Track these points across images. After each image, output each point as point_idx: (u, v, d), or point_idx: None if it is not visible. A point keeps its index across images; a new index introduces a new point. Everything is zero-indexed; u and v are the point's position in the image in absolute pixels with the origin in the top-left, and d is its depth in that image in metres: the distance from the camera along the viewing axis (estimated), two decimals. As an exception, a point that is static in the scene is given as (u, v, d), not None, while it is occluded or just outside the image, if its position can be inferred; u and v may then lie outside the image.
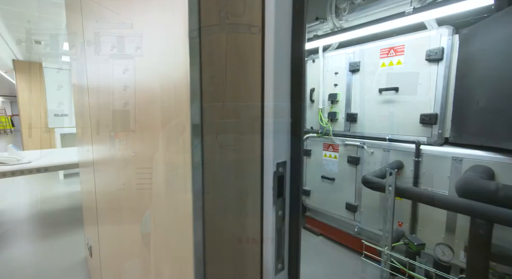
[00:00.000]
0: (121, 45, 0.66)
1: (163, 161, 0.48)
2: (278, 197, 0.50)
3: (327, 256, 2.33)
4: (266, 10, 0.46)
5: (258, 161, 0.49)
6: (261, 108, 0.48)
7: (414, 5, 1.81)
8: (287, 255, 0.52)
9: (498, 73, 1.56)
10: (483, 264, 1.22)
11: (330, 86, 2.56)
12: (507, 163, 1.56)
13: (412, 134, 2.00)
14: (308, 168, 2.79)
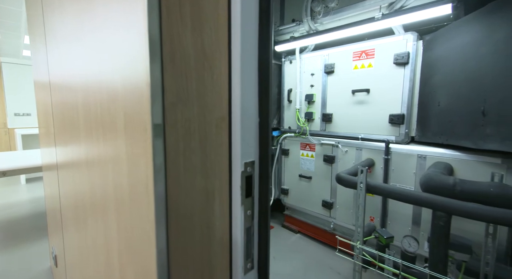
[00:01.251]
0: (80, 40, 0.62)
1: (125, 163, 0.46)
2: (246, 196, 0.50)
3: (305, 253, 2.39)
4: (232, 9, 0.46)
5: (226, 161, 0.49)
6: (228, 108, 0.48)
7: (383, 11, 1.91)
8: (256, 254, 0.52)
9: (455, 77, 1.70)
10: (443, 253, 1.32)
11: (306, 87, 2.62)
12: (464, 159, 1.70)
13: (382, 134, 2.11)
14: (286, 167, 2.83)
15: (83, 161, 0.74)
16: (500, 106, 1.45)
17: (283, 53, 2.81)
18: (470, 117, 1.60)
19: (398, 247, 1.81)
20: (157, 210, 0.38)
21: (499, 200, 1.19)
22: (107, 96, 0.52)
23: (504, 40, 1.43)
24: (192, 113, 0.42)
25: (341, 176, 1.72)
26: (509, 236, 1.57)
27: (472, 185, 1.28)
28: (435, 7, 1.60)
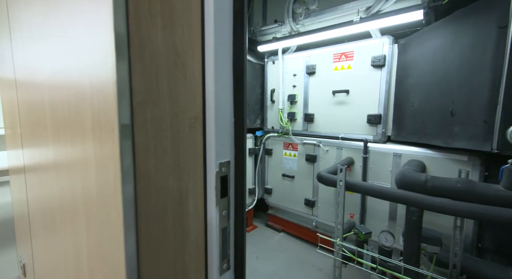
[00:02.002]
0: (46, 36, 0.59)
1: (93, 165, 0.44)
2: (222, 197, 0.50)
3: (288, 251, 2.42)
4: (206, 8, 0.46)
5: (201, 161, 0.48)
6: (203, 107, 0.48)
7: (361, 15, 1.98)
8: (232, 254, 0.52)
9: (427, 80, 1.80)
10: (416, 246, 1.40)
11: (289, 87, 2.66)
12: (435, 157, 1.80)
13: (361, 133, 2.19)
14: (270, 166, 2.85)
15: (51, 163, 0.70)
16: (466, 107, 1.55)
17: (266, 53, 2.83)
18: (440, 117, 1.70)
19: (376, 242, 1.88)
20: (126, 213, 0.37)
21: (465, 195, 1.28)
22: (74, 96, 0.49)
23: (469, 46, 1.54)
24: (163, 113, 0.41)
25: (321, 175, 1.76)
26: (475, 228, 1.68)
27: (442, 181, 1.36)
28: (408, 13, 1.68)
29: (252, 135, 2.83)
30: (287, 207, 2.71)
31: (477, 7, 1.51)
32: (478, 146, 1.48)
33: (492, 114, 1.42)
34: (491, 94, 1.42)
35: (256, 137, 2.89)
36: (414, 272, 1.37)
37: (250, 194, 2.82)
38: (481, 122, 1.47)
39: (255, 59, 2.83)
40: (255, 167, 2.89)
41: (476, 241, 1.67)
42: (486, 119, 1.45)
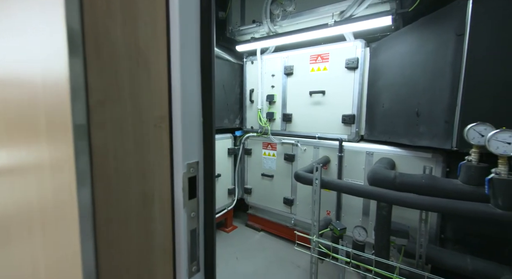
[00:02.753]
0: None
1: (48, 169, 0.41)
2: (190, 198, 0.49)
3: (267, 250, 2.44)
4: (171, 5, 0.44)
5: (167, 162, 0.47)
6: (169, 107, 0.46)
7: (335, 18, 2.05)
8: (202, 256, 0.52)
9: (395, 82, 1.90)
10: (386, 239, 1.48)
11: (268, 88, 2.68)
12: (403, 155, 1.91)
13: (336, 133, 2.27)
14: (249, 166, 2.86)
15: (4, 167, 0.64)
16: (429, 108, 1.66)
17: (245, 53, 2.83)
18: (407, 118, 1.81)
19: (351, 237, 1.96)
20: (82, 219, 0.35)
21: (429, 190, 1.37)
22: (27, 94, 0.46)
23: (432, 51, 1.65)
24: (125, 113, 0.40)
25: (299, 174, 1.80)
26: (438, 220, 1.81)
27: (408, 177, 1.45)
28: (378, 18, 1.77)
29: (231, 135, 2.82)
30: (267, 206, 2.73)
31: (438, 15, 1.62)
32: (440, 144, 1.60)
33: (452, 115, 1.54)
34: (451, 96, 1.54)
35: (235, 137, 2.88)
36: (385, 264, 1.44)
37: (230, 194, 2.81)
38: (443, 122, 1.58)
39: (234, 59, 2.82)
40: (235, 167, 2.88)
41: (439, 232, 1.80)
42: (447, 120, 1.56)
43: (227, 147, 2.75)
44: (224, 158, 2.72)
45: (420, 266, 1.57)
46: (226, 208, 2.76)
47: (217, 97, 2.63)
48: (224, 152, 2.71)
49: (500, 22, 1.37)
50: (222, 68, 2.68)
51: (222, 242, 2.58)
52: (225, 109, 2.73)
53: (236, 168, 2.88)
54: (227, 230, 2.76)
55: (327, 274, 2.06)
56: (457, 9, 1.51)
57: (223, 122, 2.73)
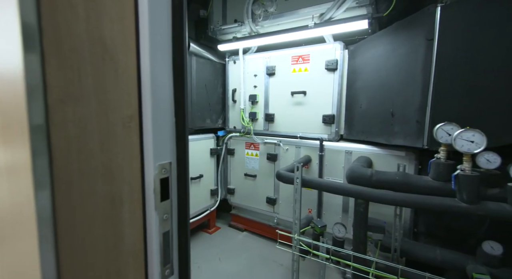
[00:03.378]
0: None
1: (4, 173, 0.38)
2: (162, 200, 0.48)
3: (251, 250, 2.44)
4: (140, 1, 0.43)
5: (138, 163, 0.46)
6: (139, 106, 0.45)
7: (315, 21, 2.10)
8: (176, 258, 0.51)
9: (372, 83, 1.98)
10: (363, 235, 1.53)
11: (250, 88, 2.68)
12: (380, 153, 2.00)
13: (317, 132, 2.32)
14: (232, 166, 2.85)
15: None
16: (403, 109, 1.75)
17: (227, 53, 2.81)
18: (383, 118, 1.89)
19: (331, 233, 2.01)
20: (41, 224, 0.33)
21: (402, 186, 1.44)
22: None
23: (405, 54, 1.74)
24: (88, 112, 0.38)
25: (280, 173, 1.82)
26: (411, 215, 1.91)
27: (383, 175, 1.51)
28: (355, 22, 1.83)
29: (213, 135, 2.79)
30: (250, 206, 2.74)
31: (410, 21, 1.71)
32: (413, 142, 1.69)
33: (423, 115, 1.63)
34: (422, 98, 1.63)
35: (218, 138, 2.85)
36: (362, 258, 1.50)
37: (213, 195, 2.78)
38: (415, 122, 1.67)
39: (216, 58, 2.79)
40: (217, 168, 2.85)
41: (412, 226, 1.90)
42: (418, 120, 1.65)
43: (210, 147, 2.72)
44: (207, 158, 2.68)
45: (395, 259, 1.64)
46: (209, 209, 2.72)
47: (199, 97, 2.59)
48: (206, 152, 2.68)
49: (466, 29, 1.47)
50: (204, 68, 2.65)
51: (204, 243, 2.55)
52: (207, 109, 2.70)
53: (219, 168, 2.86)
54: (210, 231, 2.73)
55: (309, 271, 2.10)
56: (427, 15, 1.60)
57: (205, 122, 2.70)
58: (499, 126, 1.39)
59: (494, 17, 1.39)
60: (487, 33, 1.41)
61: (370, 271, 1.44)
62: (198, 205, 2.58)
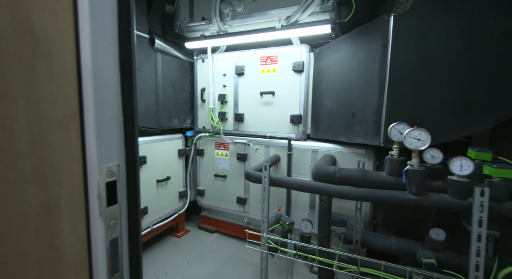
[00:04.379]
0: None
1: None
2: (109, 204, 0.45)
3: (221, 251, 2.42)
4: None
5: (79, 167, 0.42)
6: (79, 104, 0.42)
7: (282, 23, 2.14)
8: (127, 266, 0.48)
9: (335, 85, 2.09)
10: (327, 229, 1.61)
11: (219, 87, 2.65)
12: (343, 151, 2.11)
13: (285, 132, 2.37)
14: (202, 167, 2.79)
15: None
16: (362, 109, 1.87)
17: (195, 51, 2.75)
18: (345, 117, 2.01)
19: (299, 230, 2.08)
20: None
21: (362, 182, 1.54)
22: None
23: (364, 58, 1.86)
24: (14, 110, 0.34)
25: (249, 173, 1.83)
26: (371, 208, 2.06)
27: (345, 172, 1.60)
28: (319, 26, 1.91)
29: (182, 135, 2.70)
30: (220, 207, 2.71)
31: (368, 28, 1.84)
32: (371, 141, 1.82)
33: (379, 116, 1.76)
34: (379, 99, 1.76)
35: (186, 138, 2.77)
36: (327, 252, 1.57)
37: (181, 197, 2.69)
38: (373, 122, 1.80)
39: (184, 56, 2.71)
40: (186, 169, 2.77)
41: (372, 218, 2.04)
42: (376, 120, 1.78)
43: (178, 147, 2.63)
44: (174, 160, 2.59)
45: (356, 250, 1.75)
46: (177, 211, 2.63)
47: (166, 96, 2.49)
48: (174, 153, 2.59)
49: (415, 37, 1.62)
50: (171, 65, 2.55)
51: (173, 247, 2.46)
52: (174, 109, 2.61)
53: (188, 170, 2.78)
54: (179, 235, 2.64)
55: (278, 268, 2.15)
56: (382, 23, 1.73)
57: (173, 122, 2.60)
58: (442, 125, 1.56)
59: (436, 28, 1.55)
60: (431, 42, 1.57)
61: (334, 263, 1.51)
62: (165, 208, 2.47)
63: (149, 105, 2.31)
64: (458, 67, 1.51)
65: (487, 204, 1.13)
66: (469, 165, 1.21)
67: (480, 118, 1.48)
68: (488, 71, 1.45)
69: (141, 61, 2.20)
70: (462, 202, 1.21)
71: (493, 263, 1.33)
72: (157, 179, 2.34)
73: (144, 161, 2.17)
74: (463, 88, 1.51)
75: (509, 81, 1.41)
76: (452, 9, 1.51)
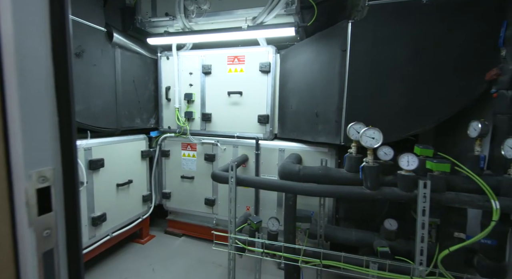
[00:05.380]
0: None
1: None
2: (41, 213, 0.40)
3: (189, 255, 2.35)
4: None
5: (2, 172, 0.37)
6: (1, 103, 0.37)
7: (248, 23, 2.15)
8: (65, 276, 0.44)
9: (300, 86, 2.16)
10: (293, 226, 1.66)
11: (185, 86, 2.57)
12: (307, 150, 2.19)
13: (253, 132, 2.39)
14: (168, 169, 2.68)
15: None
16: (325, 110, 1.97)
17: (159, 47, 2.62)
18: (309, 117, 2.09)
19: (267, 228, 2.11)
20: None
21: (324, 179, 1.61)
22: None
23: (325, 62, 1.95)
24: None
25: (215, 173, 1.80)
26: (334, 203, 2.17)
27: (309, 170, 1.66)
28: (284, 28, 1.97)
29: (145, 136, 2.56)
30: (188, 209, 2.63)
31: (329, 33, 1.93)
32: (333, 140, 1.92)
33: (340, 116, 1.87)
34: (339, 100, 1.87)
35: (150, 139, 2.64)
36: (293, 248, 1.62)
37: (145, 201, 2.55)
38: (334, 122, 1.90)
39: (147, 52, 2.57)
40: (151, 171, 2.64)
41: (334, 213, 2.16)
42: (337, 120, 1.89)
43: (141, 149, 2.49)
44: (137, 162, 2.45)
45: (321, 244, 1.83)
46: (141, 217, 2.49)
47: (126, 94, 2.34)
48: (136, 155, 2.44)
49: (370, 43, 1.75)
50: (132, 62, 2.40)
51: (136, 255, 2.32)
52: (136, 108, 2.46)
53: (153, 172, 2.65)
54: (143, 241, 2.50)
55: (247, 267, 2.16)
56: (341, 29, 1.83)
57: (135, 122, 2.46)
58: (393, 125, 1.71)
59: (387, 36, 1.70)
60: (383, 49, 1.72)
61: (299, 258, 1.56)
62: (127, 213, 2.32)
63: (107, 103, 2.14)
64: (405, 73, 1.67)
65: (429, 195, 1.26)
66: (415, 160, 1.34)
67: (424, 119, 1.65)
68: (428, 76, 1.63)
69: (97, 56, 2.03)
70: (409, 194, 1.34)
71: (435, 248, 1.50)
72: (117, 183, 2.18)
73: (101, 164, 2.01)
74: (410, 92, 1.67)
75: (445, 86, 1.60)
76: (400, 20, 1.67)
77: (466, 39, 1.55)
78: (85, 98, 1.94)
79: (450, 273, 1.27)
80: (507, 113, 1.37)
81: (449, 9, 1.57)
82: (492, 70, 1.45)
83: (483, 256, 1.37)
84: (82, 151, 1.86)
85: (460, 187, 1.34)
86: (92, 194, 1.95)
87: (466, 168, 1.35)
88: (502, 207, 1.19)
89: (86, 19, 1.90)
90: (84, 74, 1.93)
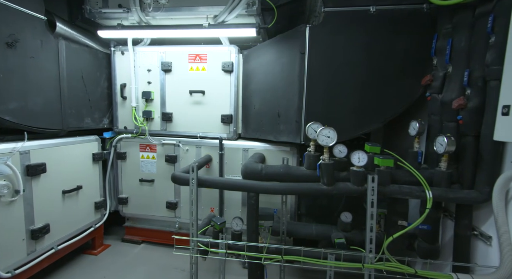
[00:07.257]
0: None
1: None
2: None
3: (149, 262, 2.22)
4: None
5: None
6: None
7: (209, 21, 2.11)
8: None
9: (263, 87, 2.19)
10: (255, 224, 1.68)
11: (143, 84, 2.42)
12: (270, 149, 2.24)
13: (216, 132, 2.35)
14: (124, 172, 2.49)
15: None
16: (286, 110, 2.03)
17: (113, 41, 2.42)
18: (272, 117, 2.13)
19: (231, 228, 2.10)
20: None
21: (285, 177, 1.66)
22: None
23: (286, 63, 2.01)
24: None
25: (175, 175, 1.74)
26: (296, 200, 2.25)
27: (271, 168, 1.69)
28: (245, 28, 1.97)
29: (97, 137, 2.35)
30: (148, 215, 2.48)
31: (289, 35, 2.00)
32: (294, 139, 1.99)
33: (300, 116, 1.94)
34: (299, 100, 1.94)
35: (103, 140, 2.42)
36: (256, 246, 1.63)
37: (98, 208, 2.33)
38: (294, 122, 1.97)
39: (98, 46, 2.36)
40: (104, 175, 2.43)
41: (296, 209, 2.24)
42: (297, 120, 1.96)
43: (92, 151, 2.27)
44: (88, 166, 2.23)
45: (283, 240, 1.89)
46: (93, 225, 2.27)
47: (73, 91, 2.11)
48: (87, 158, 2.22)
49: (326, 47, 1.85)
50: (80, 55, 2.18)
51: (87, 267, 2.11)
52: (86, 106, 2.24)
53: (107, 176, 2.44)
54: (95, 252, 2.29)
55: (212, 269, 2.12)
56: (300, 32, 1.91)
57: (84, 122, 2.23)
58: (346, 124, 1.83)
59: (340, 41, 1.82)
60: (338, 53, 1.83)
61: (262, 256, 1.58)
62: (76, 223, 2.10)
63: (49, 101, 1.91)
64: (357, 76, 1.81)
65: (376, 188, 1.39)
66: (365, 157, 1.46)
67: (373, 119, 1.81)
68: (376, 80, 1.78)
69: (35, 48, 1.79)
70: (360, 188, 1.45)
71: (383, 236, 1.65)
72: (63, 190, 1.96)
73: (42, 169, 1.78)
74: (361, 94, 1.82)
75: (390, 89, 1.78)
76: (352, 27, 1.80)
77: (406, 48, 1.74)
78: (20, 95, 1.70)
79: (395, 258, 1.41)
80: (438, 114, 1.58)
81: (392, 19, 1.74)
82: (427, 76, 1.65)
83: (421, 240, 1.55)
84: (17, 155, 1.63)
85: (403, 180, 1.50)
86: (31, 204, 1.72)
87: (407, 163, 1.51)
88: (434, 196, 1.36)
89: (19, 4, 1.66)
90: (19, 68, 1.69)
